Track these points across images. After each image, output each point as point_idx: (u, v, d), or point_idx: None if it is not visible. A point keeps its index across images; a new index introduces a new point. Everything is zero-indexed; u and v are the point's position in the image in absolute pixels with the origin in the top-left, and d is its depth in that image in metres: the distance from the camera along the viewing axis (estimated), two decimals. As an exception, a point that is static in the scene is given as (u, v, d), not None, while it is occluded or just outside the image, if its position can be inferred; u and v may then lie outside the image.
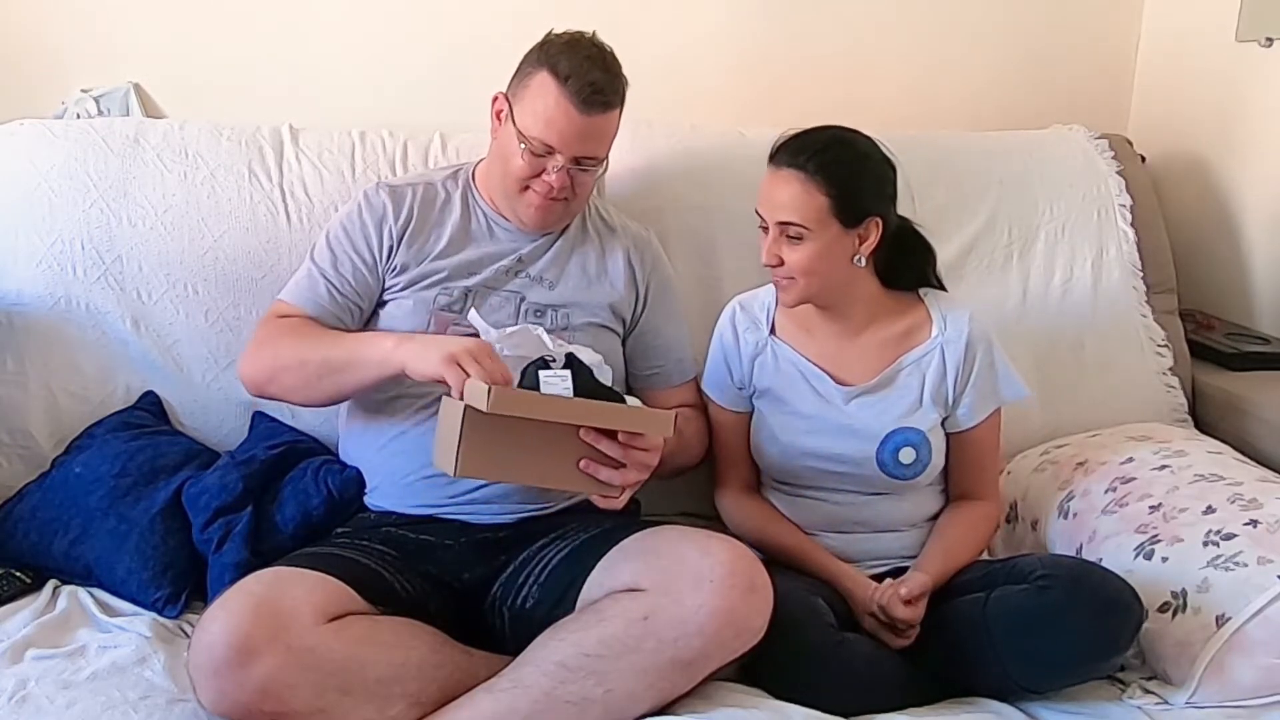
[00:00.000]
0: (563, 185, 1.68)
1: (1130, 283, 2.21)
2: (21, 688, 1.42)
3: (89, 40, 2.23)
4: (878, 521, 1.73)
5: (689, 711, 1.41)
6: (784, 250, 1.66)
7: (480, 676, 1.44)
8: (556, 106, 1.64)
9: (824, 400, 1.74)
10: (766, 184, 1.68)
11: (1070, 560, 1.63)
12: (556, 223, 1.77)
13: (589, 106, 1.64)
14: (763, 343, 1.78)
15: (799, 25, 2.42)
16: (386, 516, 1.68)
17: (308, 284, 1.74)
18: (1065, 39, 2.53)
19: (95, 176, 1.94)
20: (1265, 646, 1.47)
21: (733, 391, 1.80)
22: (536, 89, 1.66)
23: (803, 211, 1.64)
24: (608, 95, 1.66)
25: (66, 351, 1.90)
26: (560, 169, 1.66)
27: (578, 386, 1.48)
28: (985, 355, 1.74)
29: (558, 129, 1.64)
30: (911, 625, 1.58)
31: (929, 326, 1.75)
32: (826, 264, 1.66)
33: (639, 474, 1.52)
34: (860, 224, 1.67)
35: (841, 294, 1.72)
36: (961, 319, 1.74)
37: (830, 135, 1.68)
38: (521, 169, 1.68)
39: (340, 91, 2.28)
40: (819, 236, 1.64)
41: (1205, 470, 1.76)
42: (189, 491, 1.72)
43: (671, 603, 1.39)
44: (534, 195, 1.70)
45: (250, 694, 1.32)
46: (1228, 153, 2.34)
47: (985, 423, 1.75)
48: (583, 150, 1.67)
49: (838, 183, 1.63)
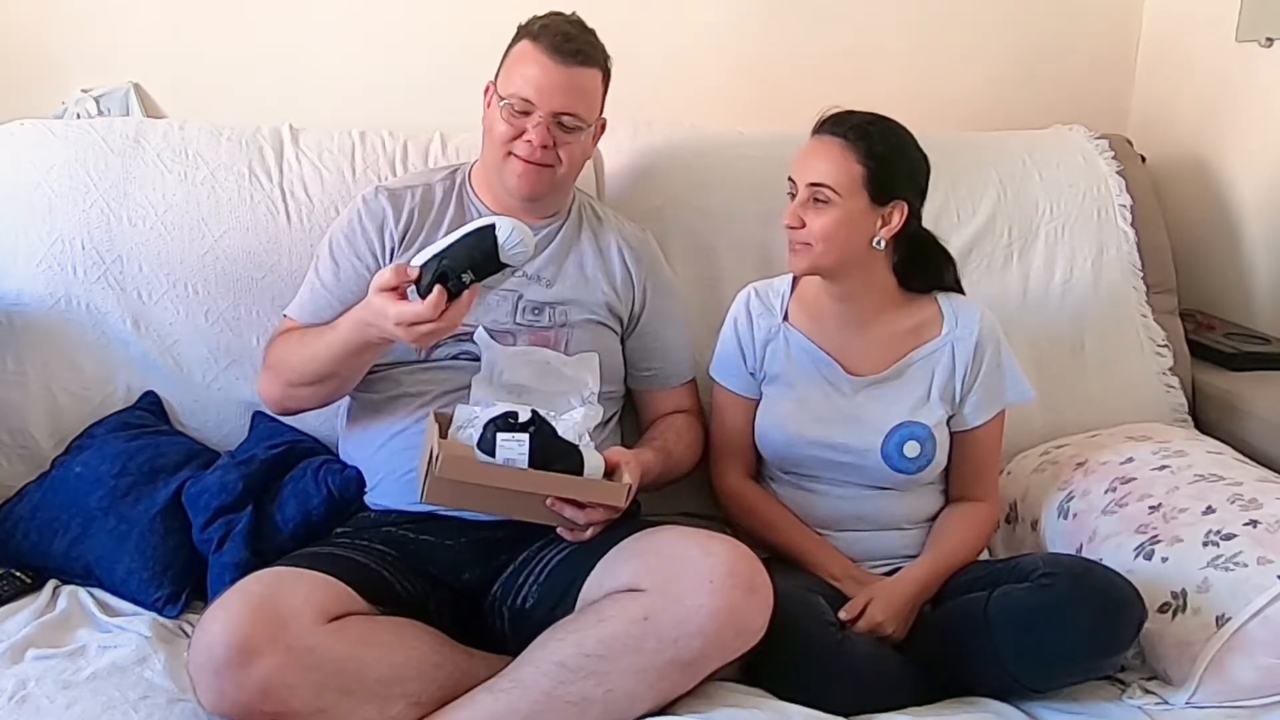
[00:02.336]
0: (543, 142, 1.69)
1: (1130, 283, 2.21)
2: (21, 688, 1.42)
3: (89, 40, 2.22)
4: (879, 518, 1.73)
5: (689, 711, 1.40)
6: (808, 213, 1.67)
7: (480, 676, 1.44)
8: (532, 60, 1.69)
9: (833, 388, 1.74)
10: (805, 151, 1.70)
11: (1071, 559, 1.63)
12: (545, 192, 1.76)
13: (562, 55, 1.67)
14: (775, 328, 1.79)
15: (799, 25, 2.42)
16: (387, 515, 1.68)
17: (311, 301, 1.76)
18: (1065, 39, 2.52)
19: (95, 176, 1.94)
20: (1265, 646, 1.47)
21: (744, 377, 1.80)
22: (515, 55, 1.72)
23: (836, 175, 1.65)
24: (580, 45, 1.69)
25: (66, 351, 1.90)
26: (539, 125, 1.68)
27: (535, 449, 1.47)
28: (994, 355, 1.74)
29: (534, 82, 1.68)
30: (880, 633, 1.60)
31: (940, 323, 1.75)
32: (846, 235, 1.67)
33: (606, 514, 1.54)
34: (887, 204, 1.68)
35: (854, 275, 1.72)
36: (973, 317, 1.75)
37: (877, 115, 1.71)
38: (505, 132, 1.70)
39: (340, 91, 2.28)
40: (845, 204, 1.65)
41: (1205, 470, 1.76)
42: (189, 491, 1.72)
43: (672, 603, 1.39)
44: (516, 161, 1.71)
45: (250, 694, 1.32)
46: (1228, 153, 2.34)
47: (990, 423, 1.75)
48: (561, 104, 1.68)
49: (876, 156, 1.66)
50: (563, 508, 1.52)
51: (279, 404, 1.75)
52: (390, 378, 1.73)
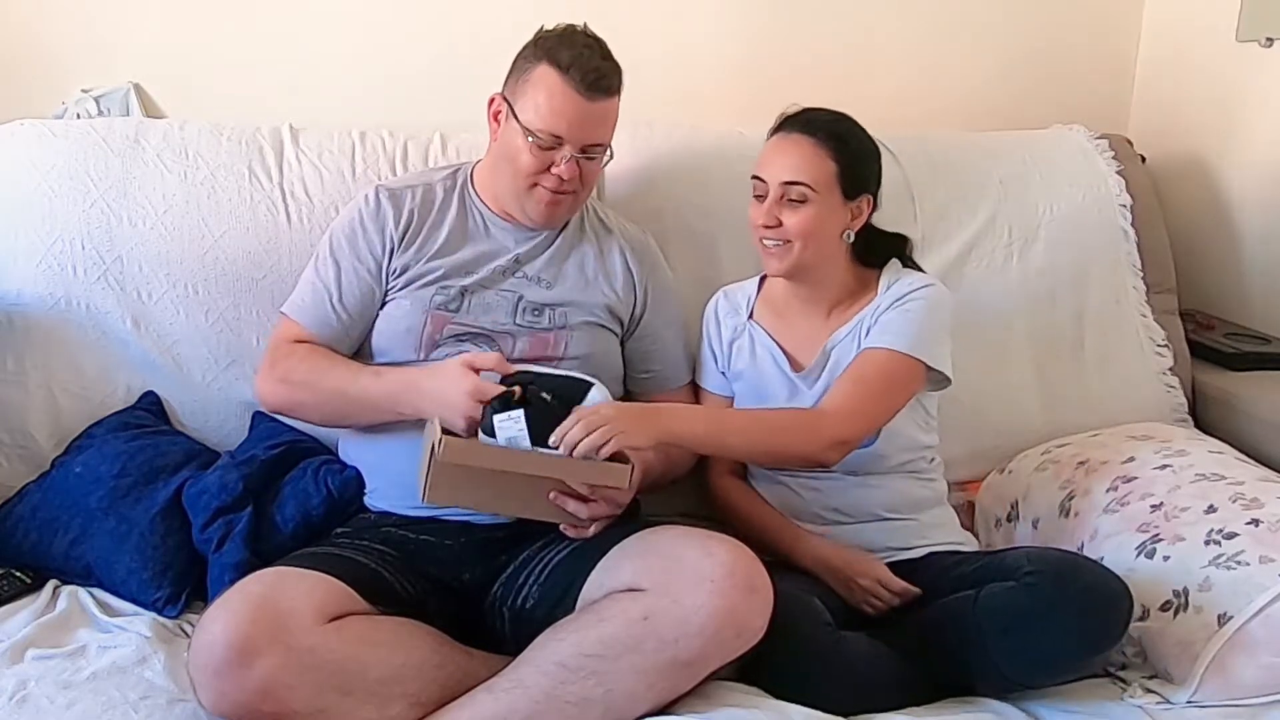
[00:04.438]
0: (572, 175, 1.69)
1: (1130, 283, 2.21)
2: (21, 688, 1.42)
3: (89, 40, 2.22)
4: (856, 510, 1.74)
5: (689, 711, 1.40)
6: (783, 212, 1.69)
7: (480, 676, 1.44)
8: (562, 95, 1.65)
9: (791, 383, 1.77)
10: (771, 149, 1.72)
11: (1056, 555, 1.62)
12: (565, 215, 1.78)
13: (593, 92, 1.65)
14: (741, 327, 1.82)
15: (799, 25, 2.42)
16: (386, 517, 1.68)
17: (313, 303, 1.75)
18: (1065, 39, 2.53)
19: (95, 176, 1.94)
20: (1267, 645, 1.47)
21: (717, 376, 1.85)
22: (538, 82, 1.67)
23: (812, 173, 1.68)
24: (610, 79, 1.68)
25: (66, 351, 1.90)
26: (569, 159, 1.67)
27: (533, 422, 1.48)
28: (916, 305, 1.71)
29: (566, 118, 1.65)
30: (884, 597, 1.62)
31: (874, 295, 1.76)
32: (823, 231, 1.70)
33: (608, 509, 1.54)
34: (856, 199, 1.72)
35: (824, 269, 1.75)
36: (907, 283, 1.74)
37: (836, 114, 1.74)
38: (530, 164, 1.69)
39: (340, 91, 2.28)
40: (822, 201, 1.68)
41: (1207, 469, 1.76)
42: (189, 491, 1.72)
43: (671, 603, 1.39)
44: (543, 191, 1.71)
45: (250, 694, 1.32)
46: (1228, 153, 2.34)
47: (874, 352, 1.69)
48: (590, 138, 1.68)
49: (846, 154, 1.69)
50: (565, 501, 1.52)
51: (280, 408, 1.76)
52: (390, 378, 1.73)
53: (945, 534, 1.77)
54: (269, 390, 1.75)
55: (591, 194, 1.84)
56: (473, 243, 1.78)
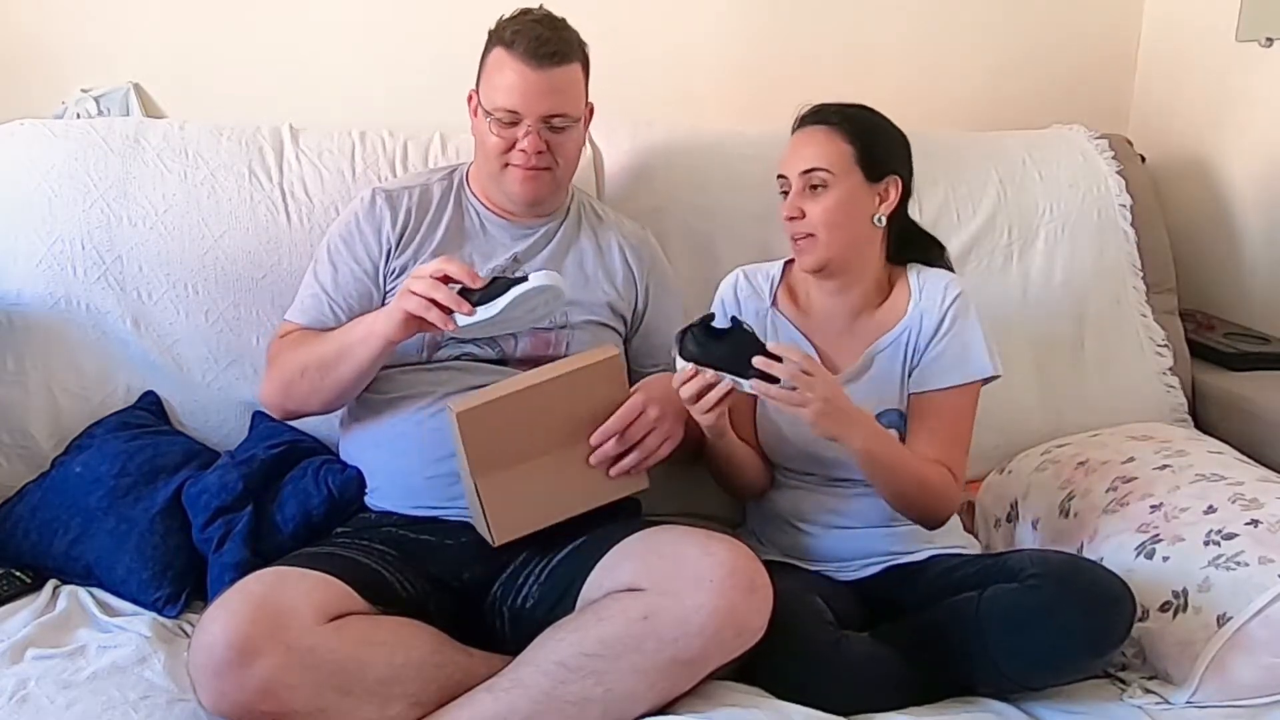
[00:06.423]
0: (537, 148, 1.69)
1: (1130, 283, 2.21)
2: (21, 688, 1.42)
3: (89, 40, 2.23)
4: (862, 517, 1.72)
5: (689, 711, 1.40)
6: (806, 203, 1.67)
7: (480, 676, 1.44)
8: (511, 69, 1.68)
9: None
10: (789, 147, 1.72)
11: (1059, 557, 1.62)
12: (548, 194, 1.77)
13: (540, 60, 1.67)
14: (763, 312, 1.77)
15: (799, 25, 2.42)
16: (387, 517, 1.69)
17: (313, 305, 1.76)
18: (1065, 39, 2.53)
19: (95, 176, 1.94)
20: (1266, 646, 1.47)
21: None
22: (491, 65, 1.71)
23: (827, 156, 1.67)
24: (554, 46, 1.68)
25: (66, 351, 1.90)
26: (530, 132, 1.68)
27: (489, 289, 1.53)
28: (960, 325, 1.70)
29: (517, 91, 1.67)
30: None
31: (907, 303, 1.73)
32: (848, 217, 1.67)
33: (656, 440, 1.57)
34: (881, 180, 1.69)
35: (856, 259, 1.71)
36: (938, 288, 1.73)
37: (851, 103, 1.74)
38: (497, 144, 1.71)
39: (340, 91, 2.28)
40: (841, 184, 1.66)
41: (1206, 470, 1.76)
42: (189, 491, 1.72)
43: (671, 602, 1.39)
44: (515, 169, 1.72)
45: (250, 694, 1.32)
46: (1227, 153, 2.34)
47: (953, 391, 1.70)
48: (547, 107, 1.68)
49: (861, 135, 1.68)
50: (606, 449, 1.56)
51: (280, 404, 1.75)
52: (392, 378, 1.73)
53: (948, 537, 1.76)
54: (271, 390, 1.75)
55: (590, 192, 1.84)
56: (470, 241, 1.78)
